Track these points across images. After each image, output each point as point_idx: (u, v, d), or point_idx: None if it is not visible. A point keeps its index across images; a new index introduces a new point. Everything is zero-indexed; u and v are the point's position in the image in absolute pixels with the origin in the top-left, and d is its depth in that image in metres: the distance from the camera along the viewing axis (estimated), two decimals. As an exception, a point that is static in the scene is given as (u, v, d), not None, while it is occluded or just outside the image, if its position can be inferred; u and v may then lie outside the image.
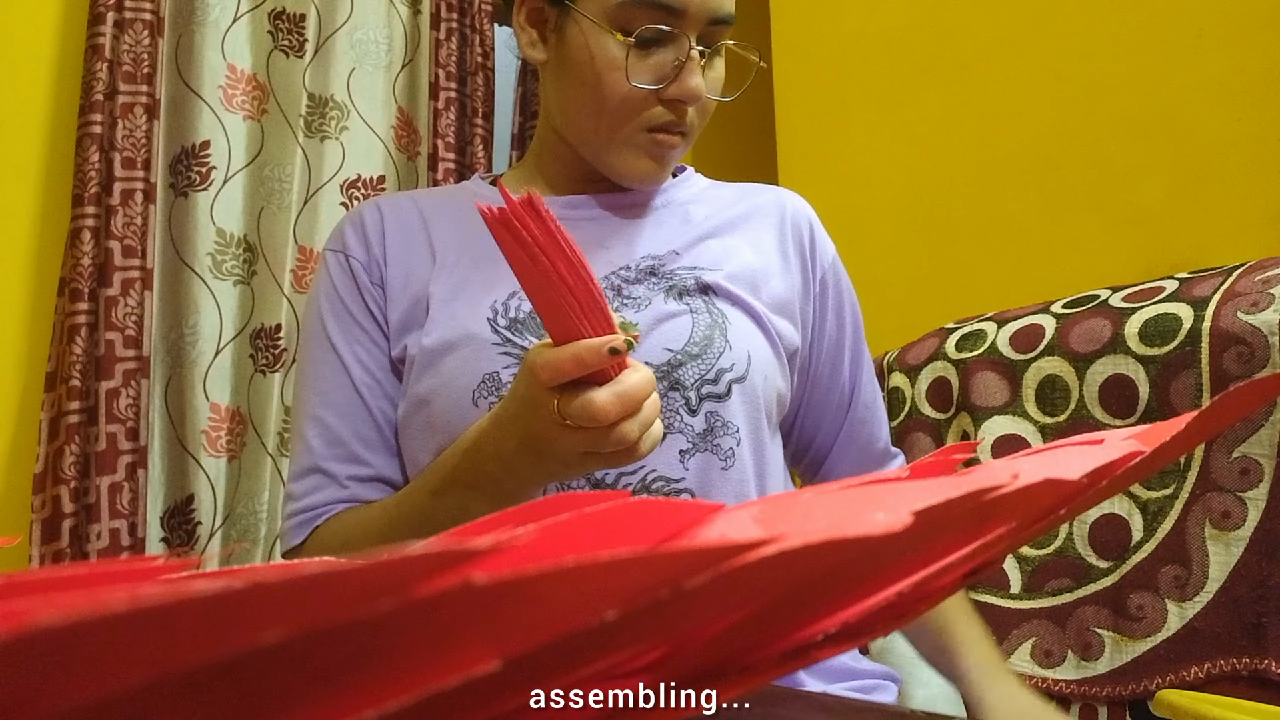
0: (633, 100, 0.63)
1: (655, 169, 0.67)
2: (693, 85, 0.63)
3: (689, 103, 0.64)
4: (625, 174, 0.67)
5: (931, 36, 1.50)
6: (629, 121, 0.64)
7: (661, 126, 0.65)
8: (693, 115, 0.66)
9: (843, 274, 0.76)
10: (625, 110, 0.64)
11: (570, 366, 0.42)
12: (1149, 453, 0.19)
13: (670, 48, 0.63)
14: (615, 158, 0.66)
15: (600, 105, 0.64)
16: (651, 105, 0.64)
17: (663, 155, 0.66)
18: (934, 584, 0.17)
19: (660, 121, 0.64)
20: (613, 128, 0.65)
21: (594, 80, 0.63)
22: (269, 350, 1.50)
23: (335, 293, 0.69)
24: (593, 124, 0.65)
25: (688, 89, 0.63)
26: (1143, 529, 0.85)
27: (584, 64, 0.64)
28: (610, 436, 0.44)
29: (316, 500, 0.65)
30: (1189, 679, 0.77)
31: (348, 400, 0.67)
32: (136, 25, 1.41)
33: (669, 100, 0.64)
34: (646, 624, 0.12)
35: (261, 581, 0.08)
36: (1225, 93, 1.16)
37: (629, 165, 0.67)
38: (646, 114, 0.64)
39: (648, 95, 0.63)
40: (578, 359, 0.42)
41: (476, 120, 1.84)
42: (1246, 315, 0.80)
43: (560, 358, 0.42)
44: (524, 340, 0.62)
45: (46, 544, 1.24)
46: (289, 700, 0.09)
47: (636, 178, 0.68)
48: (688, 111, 0.65)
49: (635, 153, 0.66)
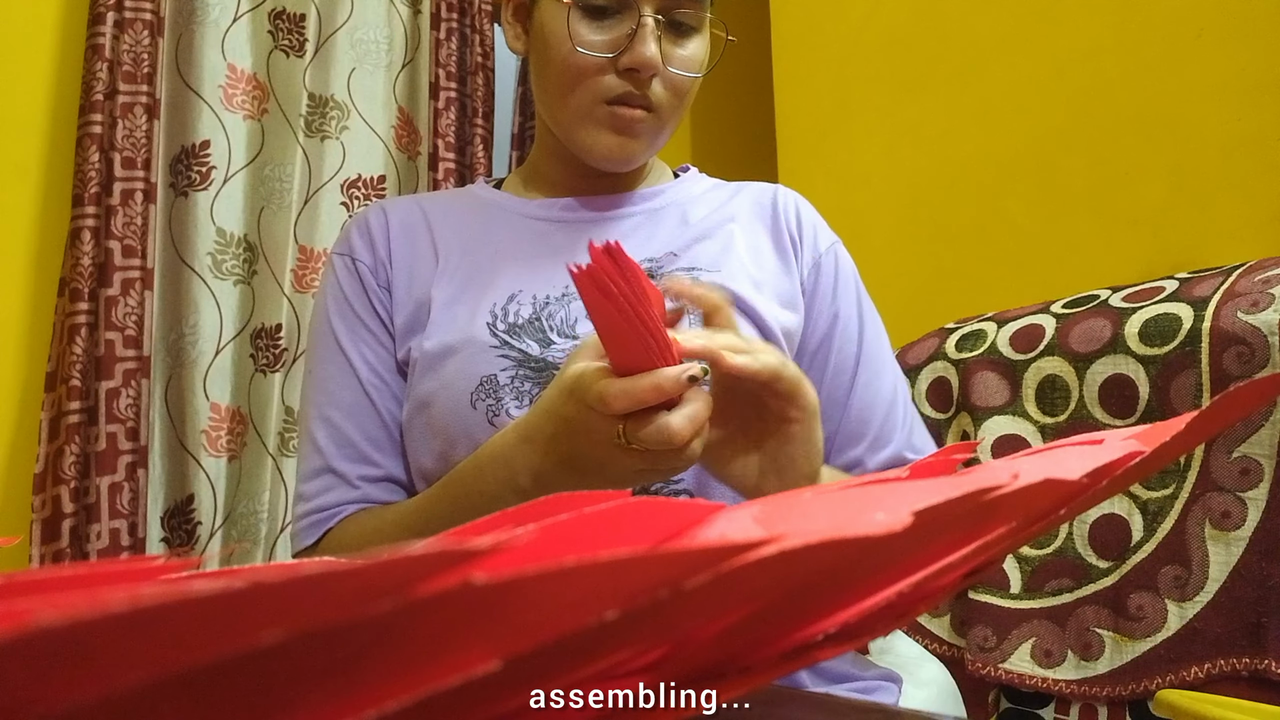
0: (585, 70, 0.63)
1: (620, 144, 0.66)
2: (646, 53, 0.62)
3: (643, 71, 0.63)
4: (591, 151, 0.66)
5: (931, 37, 1.50)
6: (587, 93, 0.64)
7: (619, 98, 0.64)
8: (660, 91, 0.65)
9: (844, 264, 0.73)
10: (581, 82, 0.64)
11: (650, 395, 0.43)
12: (1149, 453, 0.19)
13: (625, 18, 0.63)
14: (581, 134, 0.66)
15: (558, 80, 0.64)
16: (606, 75, 0.63)
17: (627, 129, 0.65)
18: (934, 584, 0.17)
19: (617, 93, 0.64)
20: (575, 102, 0.65)
21: (554, 54, 0.64)
22: (269, 350, 1.50)
23: (342, 296, 0.70)
24: (558, 102, 0.66)
25: (640, 57, 0.62)
26: (1143, 529, 0.85)
27: (547, 41, 0.65)
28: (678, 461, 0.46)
29: (329, 501, 0.66)
30: (1189, 679, 0.77)
31: (356, 401, 0.67)
32: (136, 25, 1.41)
33: (625, 71, 0.63)
34: (646, 624, 0.12)
35: (261, 581, 0.08)
36: (1225, 93, 1.16)
37: (593, 141, 0.66)
38: (603, 85, 0.64)
39: (603, 65, 0.63)
40: (658, 388, 0.43)
41: (477, 120, 1.84)
42: (1246, 315, 0.80)
43: (639, 386, 0.43)
44: (522, 344, 0.62)
45: (46, 544, 1.24)
46: (289, 700, 0.09)
47: (602, 155, 0.66)
48: (649, 84, 0.64)
49: (596, 127, 0.65)
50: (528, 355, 0.62)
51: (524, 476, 0.52)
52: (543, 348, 0.62)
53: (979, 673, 0.91)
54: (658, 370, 0.43)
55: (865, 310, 0.72)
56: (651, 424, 0.44)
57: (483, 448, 0.56)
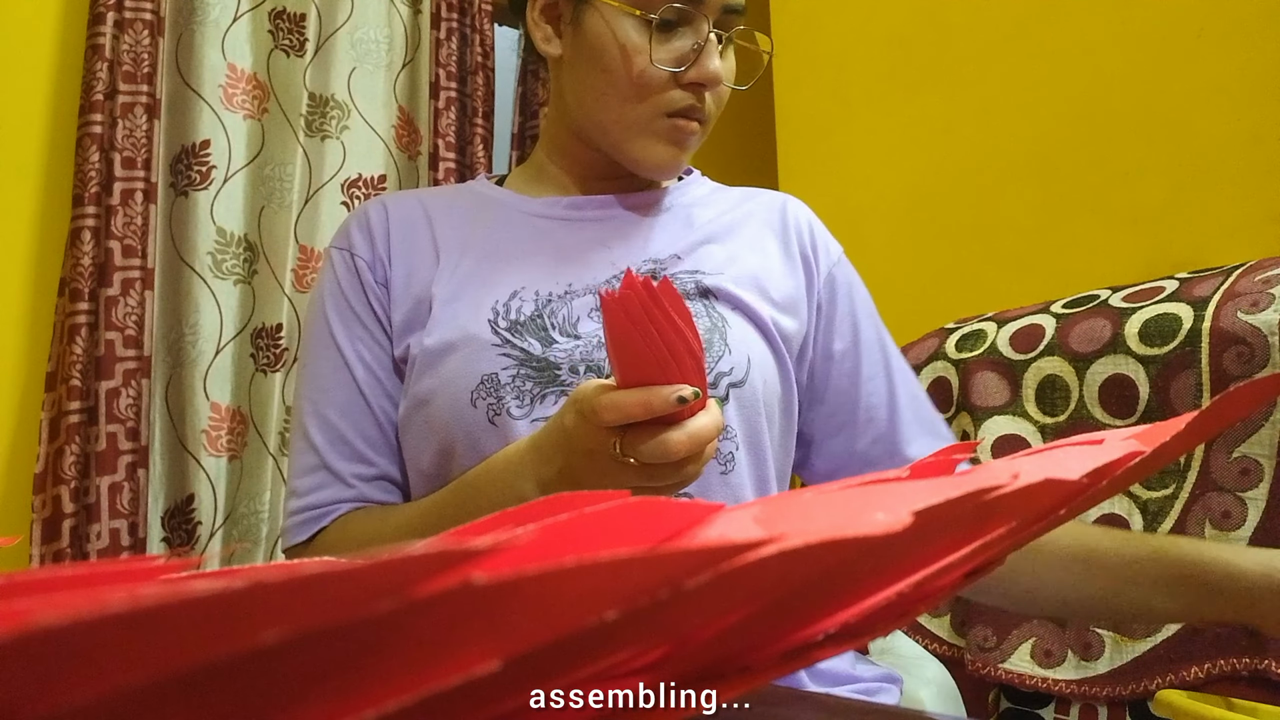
0: (655, 83, 0.64)
1: (675, 155, 0.67)
2: (712, 67, 0.63)
3: (709, 86, 0.64)
4: (645, 162, 0.67)
5: (931, 37, 1.50)
6: (650, 106, 0.65)
7: (681, 111, 0.65)
8: (710, 103, 0.66)
9: (854, 276, 0.74)
10: (647, 94, 0.64)
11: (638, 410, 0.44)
12: (1149, 453, 0.19)
13: (689, 32, 0.64)
14: (636, 145, 0.66)
15: (623, 90, 0.64)
16: (671, 90, 0.64)
17: (682, 141, 0.66)
18: (934, 584, 0.17)
19: (680, 106, 0.65)
20: (635, 113, 0.65)
21: (617, 64, 0.64)
22: (270, 350, 1.50)
23: (340, 291, 0.69)
24: (615, 111, 0.66)
25: (707, 71, 0.63)
26: (1143, 529, 0.85)
27: (606, 49, 0.64)
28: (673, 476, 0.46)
29: (322, 498, 0.65)
30: (1189, 679, 0.77)
31: (350, 399, 0.67)
32: (136, 25, 1.41)
33: (688, 84, 0.64)
34: (646, 624, 0.12)
35: (261, 581, 0.08)
36: (1225, 93, 1.16)
37: (649, 152, 0.66)
38: (667, 98, 0.64)
39: (668, 79, 0.64)
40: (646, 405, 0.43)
41: (477, 120, 1.84)
42: (1246, 315, 0.80)
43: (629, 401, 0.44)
44: (524, 342, 0.62)
45: (46, 544, 1.24)
46: (289, 700, 0.09)
47: (656, 165, 0.67)
48: (706, 97, 0.65)
49: (655, 139, 0.66)
50: (529, 354, 0.62)
51: (529, 484, 0.52)
52: (544, 346, 0.62)
53: (979, 673, 0.91)
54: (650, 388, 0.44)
55: (877, 319, 0.75)
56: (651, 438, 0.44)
57: (496, 455, 0.57)
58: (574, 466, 0.49)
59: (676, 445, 0.44)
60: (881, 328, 0.74)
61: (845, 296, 0.73)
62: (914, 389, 0.73)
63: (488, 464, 0.57)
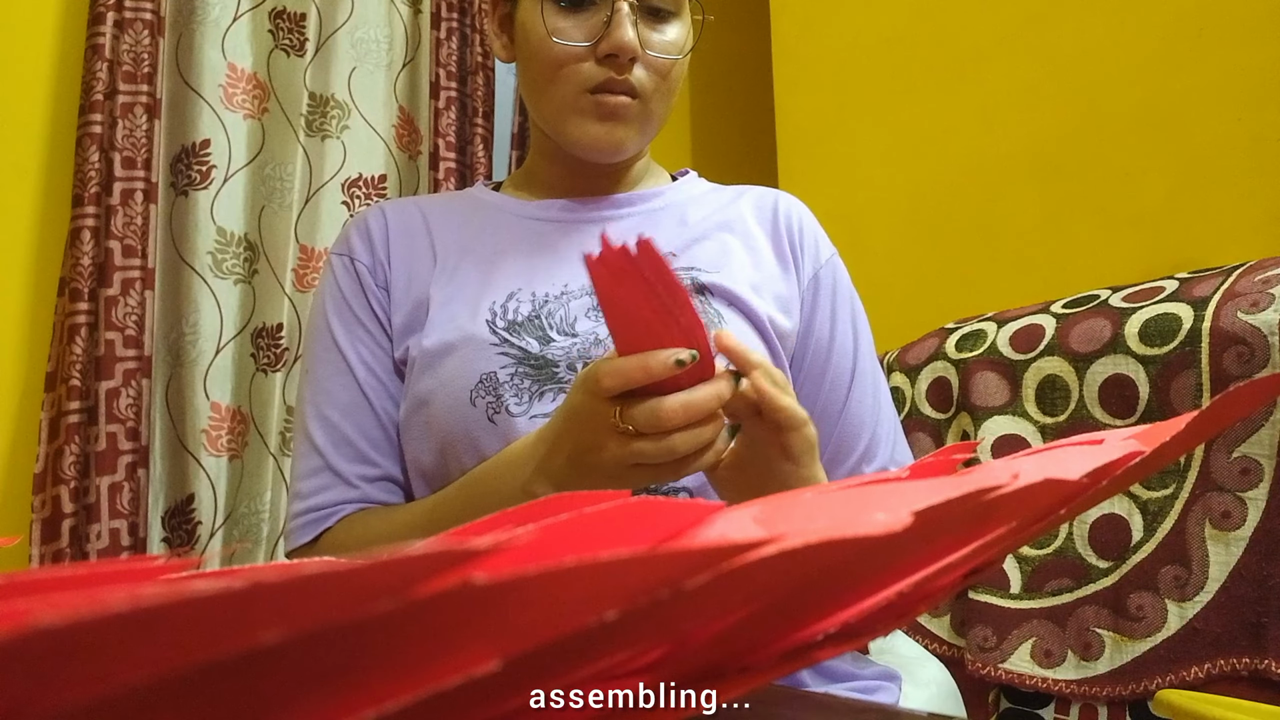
0: (565, 60, 0.64)
1: (606, 131, 0.66)
2: (621, 37, 0.62)
3: (621, 56, 0.63)
4: (580, 142, 0.67)
5: (931, 37, 1.50)
6: (569, 85, 0.65)
7: (601, 86, 0.64)
8: (643, 75, 0.65)
9: (841, 279, 0.73)
10: (560, 73, 0.64)
11: (638, 374, 0.43)
12: (1149, 453, 0.19)
13: (600, 7, 0.64)
14: (569, 127, 0.66)
15: (542, 75, 0.65)
16: (586, 64, 0.64)
17: (612, 115, 0.65)
18: (934, 584, 0.17)
19: (598, 80, 0.64)
20: (558, 95, 0.65)
21: (535, 50, 0.65)
22: (270, 349, 1.50)
23: (340, 295, 0.70)
24: (544, 97, 0.66)
25: (615, 41, 0.62)
26: (1143, 529, 0.85)
27: (528, 39, 0.66)
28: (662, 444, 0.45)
29: (326, 500, 0.65)
30: (1189, 679, 0.77)
31: (353, 400, 0.67)
32: (136, 25, 1.41)
33: (604, 57, 0.64)
34: (646, 624, 0.12)
35: (261, 581, 0.08)
36: (1225, 93, 1.16)
37: (580, 131, 0.66)
38: (583, 74, 0.64)
39: (582, 54, 0.64)
40: (645, 368, 0.43)
41: (477, 120, 1.84)
42: (1246, 315, 0.80)
43: (629, 365, 0.43)
44: (522, 341, 0.62)
45: (46, 544, 1.24)
46: (289, 700, 0.09)
47: (591, 144, 0.67)
48: (630, 69, 0.64)
49: (583, 117, 0.66)
50: (527, 353, 0.62)
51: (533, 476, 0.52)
52: (542, 345, 0.62)
53: (979, 673, 0.91)
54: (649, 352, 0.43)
55: (859, 324, 0.73)
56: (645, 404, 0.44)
57: (503, 450, 0.57)
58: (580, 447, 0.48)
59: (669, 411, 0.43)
60: (862, 336, 0.72)
61: (827, 300, 0.72)
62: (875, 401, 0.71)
63: (494, 459, 0.57)
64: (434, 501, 0.61)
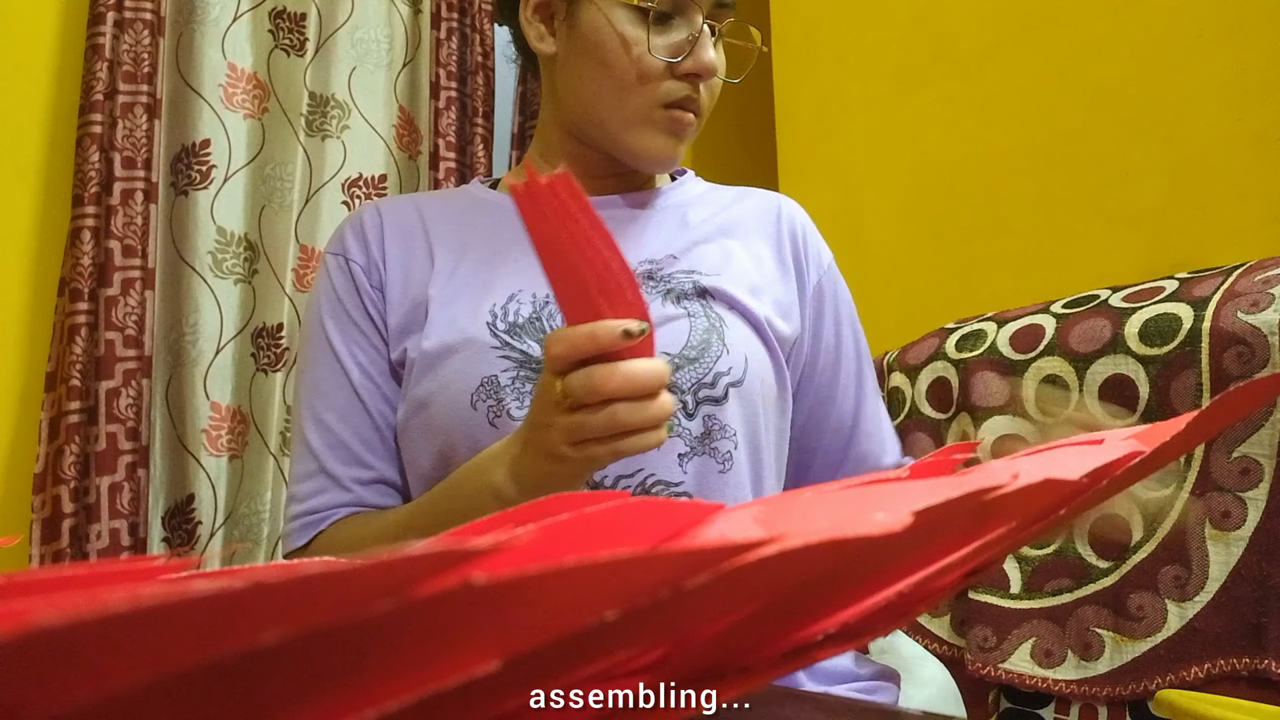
0: (653, 73, 0.65)
1: (673, 147, 0.68)
2: (708, 58, 0.64)
3: (704, 76, 0.65)
4: (643, 153, 0.68)
5: (931, 36, 1.50)
6: (647, 97, 0.65)
7: (678, 102, 0.66)
8: (704, 95, 0.67)
9: (840, 284, 0.75)
10: (644, 85, 0.65)
11: (584, 342, 0.43)
12: (1149, 453, 0.19)
13: (683, 24, 0.65)
14: (634, 137, 0.67)
15: (621, 81, 0.65)
16: (667, 80, 0.65)
17: (679, 132, 0.67)
18: (934, 584, 0.17)
19: (676, 97, 0.65)
20: (633, 104, 0.66)
21: (615, 56, 0.65)
22: (270, 349, 1.50)
23: (335, 295, 0.69)
24: (613, 103, 0.66)
25: (702, 61, 0.64)
26: (1142, 529, 0.85)
27: (604, 42, 0.65)
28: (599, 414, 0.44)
29: (321, 503, 0.65)
30: (1189, 679, 0.77)
31: (348, 402, 0.67)
32: (136, 25, 1.41)
33: (684, 75, 0.65)
34: (646, 624, 0.12)
35: (261, 581, 0.08)
36: (1225, 93, 1.16)
37: (647, 144, 0.67)
38: (664, 89, 0.65)
39: (664, 70, 0.65)
40: (592, 336, 0.42)
41: (477, 119, 1.84)
42: (1246, 315, 0.80)
43: (576, 333, 0.43)
44: (523, 344, 0.62)
45: (46, 544, 1.24)
46: (289, 700, 0.09)
47: (653, 157, 0.68)
48: (701, 89, 0.66)
49: (653, 130, 0.67)
50: (529, 355, 0.62)
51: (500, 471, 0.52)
52: (543, 348, 0.62)
53: (979, 673, 0.91)
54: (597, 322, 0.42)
55: (858, 331, 0.76)
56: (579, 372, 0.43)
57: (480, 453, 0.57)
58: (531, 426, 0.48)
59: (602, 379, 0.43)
60: (860, 338, 0.75)
61: (831, 306, 0.74)
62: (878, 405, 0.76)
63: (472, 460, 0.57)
64: (413, 506, 0.62)
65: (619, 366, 0.43)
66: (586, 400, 0.44)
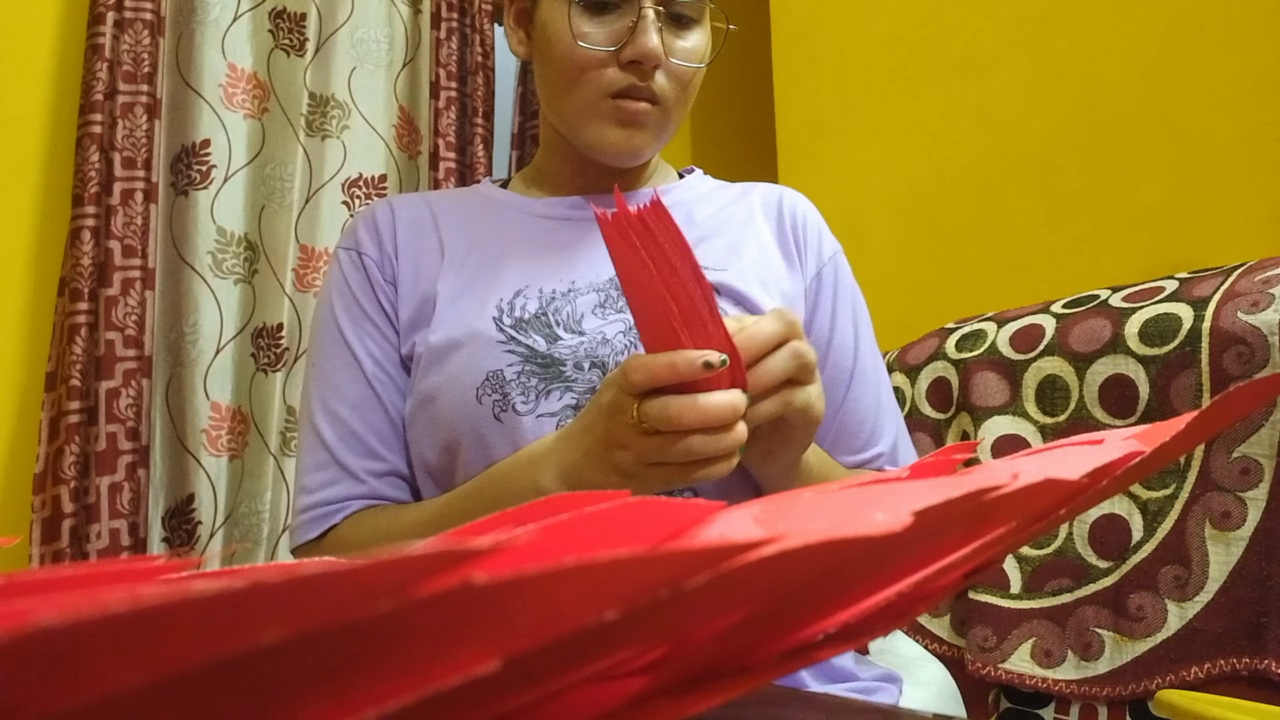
0: (588, 64, 0.64)
1: (625, 137, 0.66)
2: (646, 44, 0.62)
3: (645, 63, 0.63)
4: (597, 146, 0.67)
5: (931, 36, 1.50)
6: (591, 89, 0.65)
7: (623, 91, 0.64)
8: (664, 83, 0.65)
9: (844, 277, 0.73)
10: (584, 76, 0.64)
11: (663, 372, 0.43)
12: (1149, 453, 0.19)
13: (625, 11, 0.63)
14: (588, 130, 0.66)
15: (564, 77, 0.65)
16: (609, 69, 0.64)
17: (632, 121, 0.65)
18: (934, 584, 0.17)
19: (620, 86, 0.64)
20: (579, 98, 0.65)
21: (557, 51, 0.65)
22: (270, 349, 1.50)
23: (348, 289, 0.69)
24: (564, 99, 0.66)
25: (640, 48, 0.62)
26: (1143, 529, 0.85)
27: (550, 40, 0.65)
28: (677, 445, 0.45)
29: (333, 495, 0.65)
30: (1189, 679, 0.77)
31: (361, 394, 0.67)
32: (136, 25, 1.41)
33: (627, 63, 0.64)
34: (646, 624, 0.12)
35: (261, 581, 0.08)
36: (1225, 93, 1.16)
37: (599, 136, 0.66)
38: (605, 79, 0.64)
39: (606, 59, 0.64)
40: (672, 366, 0.43)
41: (477, 119, 1.84)
42: (1246, 315, 0.80)
43: (656, 361, 0.44)
44: (529, 339, 0.62)
45: (46, 544, 1.24)
46: (289, 700, 0.09)
47: (608, 149, 0.67)
48: (652, 76, 0.64)
49: (602, 122, 0.66)
50: (534, 350, 0.62)
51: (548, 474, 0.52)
52: (549, 343, 0.62)
53: (979, 673, 0.91)
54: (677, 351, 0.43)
55: (860, 322, 0.73)
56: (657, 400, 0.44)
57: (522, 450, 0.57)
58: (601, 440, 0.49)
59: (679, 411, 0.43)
60: (862, 334, 0.73)
61: (828, 298, 0.72)
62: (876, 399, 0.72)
63: (512, 458, 0.57)
64: (444, 501, 0.61)
65: (696, 400, 0.44)
66: (662, 428, 0.45)
